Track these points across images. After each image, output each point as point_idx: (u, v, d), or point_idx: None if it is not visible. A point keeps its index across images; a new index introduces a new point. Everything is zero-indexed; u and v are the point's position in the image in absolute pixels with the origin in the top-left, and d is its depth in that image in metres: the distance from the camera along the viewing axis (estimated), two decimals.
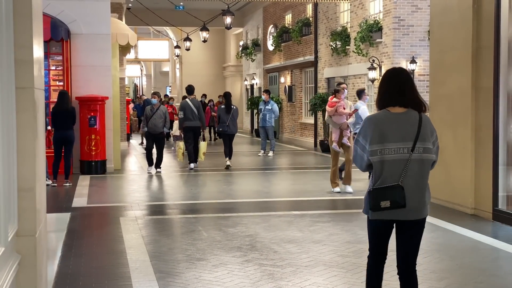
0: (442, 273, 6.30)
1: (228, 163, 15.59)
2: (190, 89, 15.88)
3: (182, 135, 15.41)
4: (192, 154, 15.29)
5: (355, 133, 11.35)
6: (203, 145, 15.33)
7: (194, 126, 15.23)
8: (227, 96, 16.30)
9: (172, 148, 21.22)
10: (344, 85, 12.17)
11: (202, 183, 13.45)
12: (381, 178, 4.29)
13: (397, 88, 4.40)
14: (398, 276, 4.48)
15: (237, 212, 9.66)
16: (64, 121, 12.41)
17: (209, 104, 26.22)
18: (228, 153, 15.76)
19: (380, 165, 4.29)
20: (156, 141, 14.75)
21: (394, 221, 4.38)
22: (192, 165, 15.28)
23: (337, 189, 11.48)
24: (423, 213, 4.39)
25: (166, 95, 31.42)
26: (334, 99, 11.43)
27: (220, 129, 15.80)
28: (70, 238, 7.97)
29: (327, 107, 11.62)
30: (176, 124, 18.15)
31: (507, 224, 8.52)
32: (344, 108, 11.35)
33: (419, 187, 4.33)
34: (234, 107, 15.96)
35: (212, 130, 26.15)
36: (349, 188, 11.45)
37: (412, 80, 4.49)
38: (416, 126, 4.31)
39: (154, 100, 15.08)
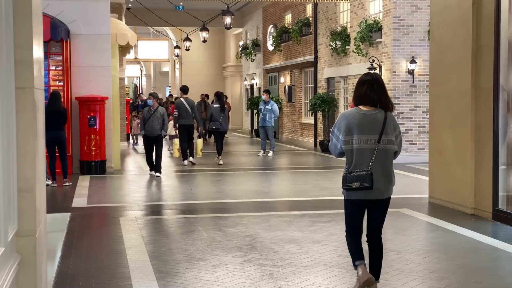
0: (442, 273, 6.30)
1: (221, 162, 16.44)
2: (184, 89, 16.49)
3: (177, 133, 16.29)
4: (185, 152, 16.07)
5: None
6: (199, 142, 16.40)
7: (187, 124, 15.98)
8: (220, 95, 16.93)
9: (168, 147, 21.32)
10: None
11: (201, 183, 13.45)
12: (353, 164, 5.27)
13: (368, 90, 5.32)
14: (367, 242, 5.56)
15: (237, 212, 9.65)
16: (55, 122, 12.36)
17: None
18: (220, 150, 16.65)
19: (351, 153, 5.28)
20: (154, 144, 14.12)
21: (365, 200, 5.34)
22: (185, 162, 16.02)
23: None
24: (388, 193, 5.37)
25: (170, 95, 31.32)
26: None
27: (213, 127, 16.53)
28: (70, 238, 7.97)
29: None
30: (171, 124, 18.59)
31: (507, 224, 8.52)
32: None
33: (384, 172, 5.28)
34: (226, 107, 16.96)
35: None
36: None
37: (382, 84, 5.38)
38: (382, 122, 5.25)
39: (150, 101, 14.82)
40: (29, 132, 4.30)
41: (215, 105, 16.85)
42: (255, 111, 27.56)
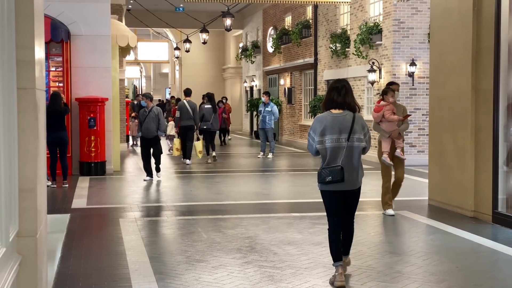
0: (441, 275, 6.31)
1: (214, 153, 17.69)
2: (187, 92, 17.12)
3: (177, 133, 17.21)
4: (185, 151, 16.86)
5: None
6: (198, 144, 16.99)
7: (188, 125, 16.79)
8: (210, 96, 17.90)
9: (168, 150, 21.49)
10: (396, 86, 9.86)
11: (201, 184, 13.45)
12: (327, 160, 5.94)
13: (336, 96, 6.02)
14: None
15: (237, 214, 9.65)
16: (56, 123, 12.37)
17: (218, 105, 23.28)
18: (212, 147, 17.80)
19: (324, 151, 5.94)
20: (151, 146, 13.64)
21: (338, 191, 5.99)
22: (187, 161, 16.87)
23: (390, 211, 9.44)
24: (357, 184, 6.06)
25: (172, 97, 31.14)
26: (382, 102, 9.38)
27: (204, 127, 17.49)
28: (70, 239, 7.97)
29: (372, 113, 9.57)
30: (171, 124, 19.70)
31: (507, 227, 8.52)
32: (394, 113, 9.30)
33: (354, 166, 5.96)
34: (218, 108, 18.02)
35: (222, 134, 24.27)
36: (390, 211, 9.52)
37: (349, 89, 6.08)
38: (351, 123, 5.92)
39: (144, 102, 14.46)
40: (31, 133, 4.31)
41: (206, 106, 17.61)
42: (254, 113, 27.56)
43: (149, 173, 13.72)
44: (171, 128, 19.74)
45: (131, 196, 11.65)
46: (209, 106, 17.57)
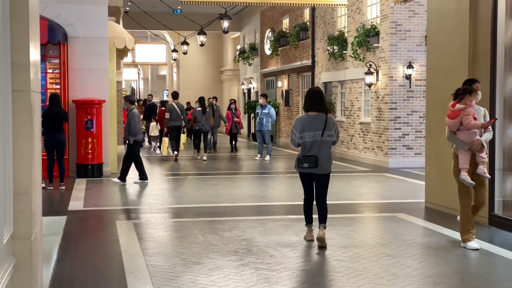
0: (438, 277, 6.31)
1: (205, 158, 18.86)
2: (175, 95, 19.09)
3: (167, 132, 18.95)
4: (174, 146, 18.71)
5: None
6: (183, 137, 19.52)
7: (177, 125, 18.70)
8: (202, 100, 19.47)
9: (152, 149, 22.77)
10: (478, 84, 7.68)
11: (198, 187, 13.44)
12: (306, 150, 7.60)
13: (313, 100, 7.68)
14: (316, 203, 7.82)
15: (234, 216, 9.65)
16: (55, 125, 12.36)
17: (230, 108, 22.35)
18: (205, 146, 19.30)
19: (304, 144, 7.62)
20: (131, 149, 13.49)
21: (312, 174, 7.69)
22: (175, 152, 18.52)
23: (474, 244, 7.44)
24: (328, 169, 7.70)
25: (166, 101, 30.93)
26: (458, 106, 7.48)
27: (196, 128, 19.22)
28: (66, 242, 7.96)
29: (446, 119, 7.65)
30: (152, 126, 22.14)
31: (503, 229, 8.53)
32: (475, 118, 7.45)
33: (326, 156, 7.63)
34: (208, 109, 19.58)
35: (233, 140, 22.24)
36: (474, 244, 7.50)
37: (323, 95, 7.81)
38: (324, 122, 7.57)
39: (125, 105, 14.07)
40: (26, 135, 4.30)
41: (198, 108, 19.33)
42: (252, 115, 27.57)
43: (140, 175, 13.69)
44: (151, 129, 22.02)
45: (128, 198, 11.64)
46: (200, 108, 19.19)
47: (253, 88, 30.91)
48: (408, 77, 16.71)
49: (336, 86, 20.55)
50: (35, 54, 4.59)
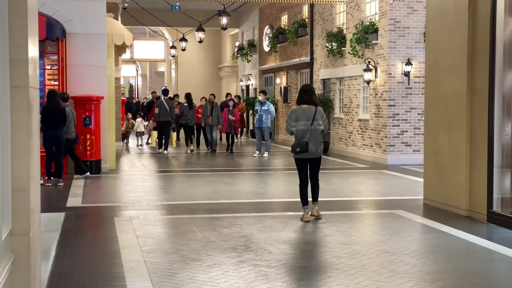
0: (436, 274, 6.31)
1: (192, 148, 20.34)
2: (165, 91, 20.31)
3: (155, 126, 20.29)
4: (161, 142, 19.64)
5: None
6: (173, 135, 20.77)
7: (166, 121, 19.52)
8: (188, 96, 20.48)
9: (139, 146, 23.00)
10: None
11: (196, 183, 13.44)
12: (298, 138, 8.86)
13: (305, 95, 8.98)
14: (310, 181, 9.07)
15: (232, 213, 9.65)
16: (54, 121, 12.34)
17: (228, 105, 20.86)
18: (190, 140, 20.35)
19: (296, 132, 8.89)
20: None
21: (305, 159, 8.93)
22: (165, 151, 19.45)
23: None
24: (318, 154, 8.93)
25: (176, 95, 30.46)
26: None
27: (183, 122, 20.24)
28: (64, 238, 7.95)
29: None
30: (137, 122, 23.09)
31: (502, 226, 8.53)
32: None
33: (316, 142, 8.85)
34: (195, 105, 20.74)
35: (231, 139, 20.58)
36: None
37: (313, 91, 9.14)
38: (313, 113, 8.84)
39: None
40: (24, 131, 4.29)
41: (185, 104, 20.39)
42: (251, 111, 27.55)
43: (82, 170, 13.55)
44: (137, 125, 22.88)
45: (126, 194, 11.63)
46: (186, 104, 20.31)
47: (252, 85, 30.89)
48: (406, 74, 16.70)
49: (334, 83, 20.54)
50: (33, 50, 4.58)
